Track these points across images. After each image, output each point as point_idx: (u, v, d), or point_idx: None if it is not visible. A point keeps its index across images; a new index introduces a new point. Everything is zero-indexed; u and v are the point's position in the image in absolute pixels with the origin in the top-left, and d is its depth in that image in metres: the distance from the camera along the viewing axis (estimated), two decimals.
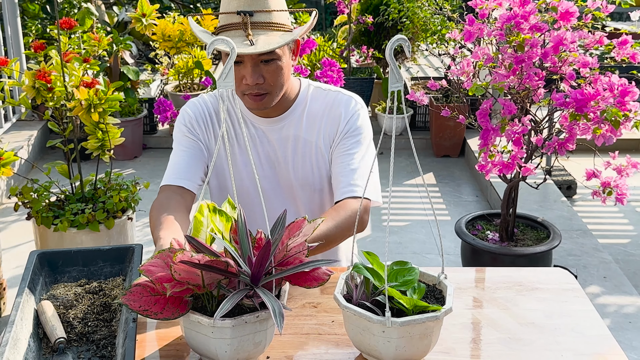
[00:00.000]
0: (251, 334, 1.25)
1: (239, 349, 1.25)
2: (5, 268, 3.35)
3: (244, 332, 1.24)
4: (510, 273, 1.73)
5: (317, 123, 1.90)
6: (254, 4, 1.71)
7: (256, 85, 1.75)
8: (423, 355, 1.33)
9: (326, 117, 1.90)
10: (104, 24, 6.30)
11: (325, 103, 1.91)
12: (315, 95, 1.92)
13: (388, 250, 1.30)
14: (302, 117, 1.90)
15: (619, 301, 3.12)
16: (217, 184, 1.96)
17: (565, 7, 2.50)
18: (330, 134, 1.90)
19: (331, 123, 1.90)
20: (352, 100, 1.91)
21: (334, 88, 1.95)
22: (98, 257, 1.62)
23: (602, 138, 2.38)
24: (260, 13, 1.72)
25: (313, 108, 1.91)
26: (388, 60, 1.20)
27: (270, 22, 1.73)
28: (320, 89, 1.94)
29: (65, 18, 3.12)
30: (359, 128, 1.89)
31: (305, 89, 1.93)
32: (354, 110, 1.90)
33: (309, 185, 1.93)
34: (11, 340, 1.25)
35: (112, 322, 1.45)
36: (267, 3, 1.73)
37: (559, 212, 4.03)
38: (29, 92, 2.89)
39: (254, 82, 1.73)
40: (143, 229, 4.09)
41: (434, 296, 1.39)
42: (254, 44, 1.68)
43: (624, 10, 2.52)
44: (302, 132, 1.90)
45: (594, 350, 1.41)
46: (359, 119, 1.90)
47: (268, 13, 1.73)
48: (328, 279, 1.33)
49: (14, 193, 3.04)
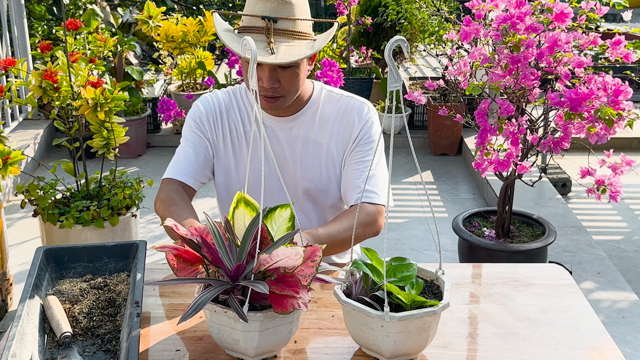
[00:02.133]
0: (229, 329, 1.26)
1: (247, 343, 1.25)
2: (12, 264, 3.35)
3: (250, 328, 1.25)
4: (507, 269, 1.73)
5: (329, 126, 1.89)
6: (280, 11, 1.68)
7: (271, 89, 1.73)
8: (421, 349, 1.33)
9: (339, 122, 1.89)
10: (109, 25, 6.30)
11: (338, 107, 1.90)
12: (327, 98, 1.92)
13: (387, 247, 1.30)
14: (314, 119, 1.89)
15: (612, 296, 3.12)
16: (223, 181, 1.95)
17: (560, 9, 2.50)
18: (343, 139, 1.89)
19: (344, 128, 1.89)
20: (365, 106, 1.91)
21: (347, 93, 1.94)
22: (103, 253, 1.62)
23: (596, 136, 2.38)
24: (284, 20, 1.68)
25: (325, 111, 1.90)
26: (387, 61, 1.20)
27: (293, 31, 1.70)
28: (333, 92, 1.93)
29: (72, 19, 3.11)
30: (373, 135, 1.89)
31: (318, 91, 1.92)
32: (367, 117, 1.89)
33: (315, 186, 1.92)
34: (18, 334, 1.25)
35: (116, 317, 1.45)
36: (292, 10, 1.69)
37: (554, 209, 4.03)
38: (35, 91, 2.89)
39: (270, 85, 1.72)
40: (147, 225, 4.09)
41: (431, 291, 1.39)
42: (274, 52, 1.65)
43: (617, 11, 2.51)
44: (313, 134, 1.89)
45: (589, 345, 1.41)
46: (372, 126, 1.89)
47: (292, 21, 1.69)
48: (292, 312, 1.24)
49: (21, 190, 3.04)
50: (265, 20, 1.67)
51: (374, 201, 1.80)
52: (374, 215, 1.78)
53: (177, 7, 7.68)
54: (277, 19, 1.67)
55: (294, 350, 1.37)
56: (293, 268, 1.25)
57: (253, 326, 1.25)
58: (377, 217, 1.78)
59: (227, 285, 1.26)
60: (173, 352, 1.37)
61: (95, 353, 1.34)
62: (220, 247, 1.28)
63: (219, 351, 1.36)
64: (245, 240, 1.29)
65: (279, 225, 1.35)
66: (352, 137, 1.88)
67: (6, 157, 2.63)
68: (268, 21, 1.67)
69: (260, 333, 1.26)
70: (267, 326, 1.26)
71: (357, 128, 1.88)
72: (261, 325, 1.25)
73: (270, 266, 1.22)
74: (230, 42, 1.72)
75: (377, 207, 1.80)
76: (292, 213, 1.36)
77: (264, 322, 1.25)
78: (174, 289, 1.61)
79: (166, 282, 1.48)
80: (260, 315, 1.24)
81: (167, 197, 1.79)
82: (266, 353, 1.31)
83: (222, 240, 1.29)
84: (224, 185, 1.96)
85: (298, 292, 1.23)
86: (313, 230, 1.69)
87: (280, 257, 1.21)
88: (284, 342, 1.32)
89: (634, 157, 2.53)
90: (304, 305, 1.23)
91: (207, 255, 1.28)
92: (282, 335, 1.30)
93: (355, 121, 1.88)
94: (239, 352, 1.31)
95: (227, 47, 1.72)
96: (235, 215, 1.34)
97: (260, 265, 1.23)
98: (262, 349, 1.29)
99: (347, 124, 1.89)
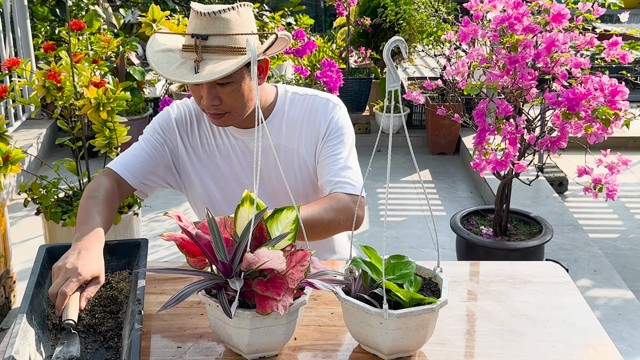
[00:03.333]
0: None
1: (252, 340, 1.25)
2: (15, 262, 3.35)
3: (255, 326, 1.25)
4: (504, 267, 1.73)
5: (297, 129, 1.84)
6: (210, 27, 1.60)
7: (213, 106, 1.68)
8: (419, 346, 1.33)
9: (306, 123, 1.84)
10: (111, 26, 6.29)
11: (304, 108, 1.85)
12: (292, 101, 1.86)
13: (385, 245, 1.30)
14: (281, 125, 1.84)
15: (608, 294, 3.12)
16: (203, 192, 1.90)
17: (557, 10, 2.49)
18: (311, 140, 1.85)
19: (311, 129, 1.84)
20: (329, 102, 1.86)
21: (311, 92, 1.89)
22: (105, 251, 1.61)
23: (593, 136, 2.38)
24: (216, 37, 1.61)
25: (292, 115, 1.85)
26: (385, 61, 1.20)
27: (224, 47, 1.62)
28: (297, 94, 1.88)
29: (75, 20, 3.11)
30: (341, 128, 1.84)
31: (282, 96, 1.87)
32: (332, 112, 1.84)
33: (293, 192, 1.88)
34: (21, 331, 1.25)
35: (118, 314, 1.45)
36: (226, 26, 1.61)
37: (550, 207, 4.03)
38: (39, 91, 2.89)
39: (210, 103, 1.67)
40: (149, 223, 4.08)
41: (429, 289, 1.39)
42: (198, 71, 1.59)
43: (614, 12, 2.51)
44: (283, 140, 1.85)
45: (585, 341, 1.41)
46: (339, 119, 1.84)
47: (226, 37, 1.61)
48: (270, 313, 1.23)
49: (24, 189, 3.03)
50: (194, 38, 1.61)
51: (348, 191, 1.73)
52: (347, 202, 1.70)
53: (179, 8, 7.68)
54: (208, 36, 1.60)
55: (293, 347, 1.37)
56: (283, 271, 1.25)
57: (243, 323, 1.25)
58: (350, 205, 1.70)
59: (218, 280, 1.26)
60: (174, 348, 1.36)
61: (97, 350, 1.34)
62: (217, 242, 1.29)
63: (218, 348, 1.36)
64: (241, 238, 1.29)
65: (283, 227, 1.35)
66: (319, 135, 1.83)
67: (7, 155, 2.63)
68: (197, 39, 1.60)
69: (250, 331, 1.26)
70: (257, 325, 1.25)
71: (323, 125, 1.83)
72: (251, 324, 1.25)
73: (260, 266, 1.22)
74: (157, 63, 1.65)
75: (352, 196, 1.73)
76: (297, 216, 1.35)
77: (254, 321, 1.25)
78: (175, 287, 1.61)
79: (162, 270, 1.48)
80: (248, 314, 1.24)
81: (94, 188, 1.71)
82: (260, 352, 1.31)
83: (219, 236, 1.29)
84: (193, 195, 1.91)
85: (280, 294, 1.22)
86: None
87: (264, 259, 1.21)
88: (278, 343, 1.31)
89: (630, 156, 2.53)
90: (283, 309, 1.21)
91: (204, 248, 1.28)
92: (276, 336, 1.29)
93: (321, 119, 1.83)
94: (234, 347, 1.32)
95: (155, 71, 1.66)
96: (239, 213, 1.34)
97: (250, 265, 1.23)
98: (255, 347, 1.29)
99: (312, 124, 1.84)
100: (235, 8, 1.62)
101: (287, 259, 1.25)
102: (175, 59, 1.65)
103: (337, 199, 1.70)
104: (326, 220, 1.65)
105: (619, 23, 6.74)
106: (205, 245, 1.29)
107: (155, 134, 1.85)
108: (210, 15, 1.59)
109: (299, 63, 4.67)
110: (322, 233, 1.68)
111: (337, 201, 1.69)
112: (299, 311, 1.32)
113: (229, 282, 1.23)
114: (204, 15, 1.60)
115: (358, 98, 5.71)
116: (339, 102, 1.88)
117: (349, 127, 1.87)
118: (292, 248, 1.31)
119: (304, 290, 1.31)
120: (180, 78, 1.59)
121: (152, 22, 4.16)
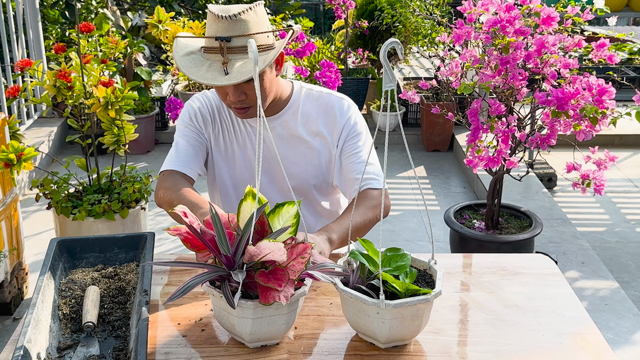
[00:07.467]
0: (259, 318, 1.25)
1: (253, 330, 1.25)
2: (27, 254, 3.35)
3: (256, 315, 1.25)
4: (496, 259, 1.73)
5: (311, 122, 1.88)
6: (232, 29, 1.62)
7: (239, 101, 1.72)
8: (414, 335, 1.33)
9: (322, 118, 1.88)
10: (119, 28, 6.28)
11: (319, 105, 1.89)
12: (307, 96, 1.90)
13: (382, 238, 1.29)
14: (296, 117, 1.88)
15: (596, 285, 3.12)
16: (214, 177, 1.96)
17: (547, 13, 2.49)
18: (327, 135, 1.89)
19: (328, 125, 1.88)
20: (344, 101, 1.90)
21: (326, 90, 1.93)
22: (113, 244, 1.61)
23: (581, 134, 2.38)
24: (238, 38, 1.63)
25: (306, 109, 1.89)
26: (382, 62, 1.20)
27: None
28: (312, 90, 1.91)
29: (85, 22, 3.10)
30: (359, 128, 1.89)
31: (297, 90, 1.90)
32: (348, 112, 1.89)
33: (302, 181, 1.92)
34: (33, 321, 1.25)
35: (126, 304, 1.45)
36: (245, 27, 1.63)
37: (540, 202, 4.02)
38: (50, 90, 2.88)
39: (236, 99, 1.70)
40: (155, 217, 4.08)
41: (424, 280, 1.39)
42: (228, 72, 1.61)
43: (601, 15, 2.50)
44: (297, 131, 1.88)
45: (573, 330, 1.41)
46: (356, 118, 1.89)
47: (246, 37, 1.63)
48: (272, 303, 1.23)
49: (36, 185, 3.03)
50: (218, 41, 1.63)
51: (374, 186, 1.80)
52: (377, 197, 1.78)
53: (184, 11, 7.66)
54: (230, 38, 1.62)
55: (294, 336, 1.37)
56: (284, 262, 1.24)
57: (246, 313, 1.25)
58: (380, 199, 1.78)
59: (221, 272, 1.26)
60: (180, 337, 1.36)
61: (106, 339, 1.34)
62: (220, 236, 1.28)
63: (222, 337, 1.36)
64: (243, 231, 1.29)
65: (284, 221, 1.35)
66: (337, 134, 1.88)
67: (20, 153, 2.63)
68: (221, 41, 1.62)
69: (253, 320, 1.26)
70: (259, 315, 1.25)
71: (340, 124, 1.87)
72: (254, 314, 1.25)
73: (261, 258, 1.22)
74: (187, 67, 1.67)
75: (379, 190, 1.80)
76: (298, 211, 1.35)
77: (257, 311, 1.25)
78: (181, 278, 1.61)
79: (169, 263, 1.48)
80: (251, 304, 1.24)
81: (173, 183, 1.77)
82: (262, 340, 1.31)
83: (222, 230, 1.29)
84: (214, 181, 1.96)
85: (281, 285, 1.22)
86: (327, 227, 1.67)
87: (266, 251, 1.21)
88: (280, 332, 1.31)
89: (617, 153, 2.53)
90: (285, 299, 1.21)
91: (209, 243, 1.28)
92: (277, 325, 1.29)
93: (338, 117, 1.87)
94: (237, 336, 1.32)
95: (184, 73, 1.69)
96: (242, 207, 1.34)
97: (252, 257, 1.23)
98: (257, 336, 1.29)
99: (329, 119, 1.88)
100: (252, 8, 1.65)
101: (287, 252, 1.24)
102: (200, 61, 1.68)
103: (370, 197, 1.78)
104: (367, 220, 1.73)
105: (607, 26, 6.71)
106: (210, 240, 1.29)
107: (189, 127, 1.89)
108: (231, 19, 1.62)
109: (299, 64, 4.67)
110: (365, 231, 1.75)
111: (370, 199, 1.77)
112: (299, 301, 1.32)
113: (232, 274, 1.23)
114: (224, 19, 1.62)
115: (356, 97, 5.70)
116: (351, 102, 1.93)
117: (365, 125, 1.93)
118: (293, 241, 1.31)
119: (304, 282, 1.31)
120: (213, 81, 1.61)
121: (158, 23, 4.16)
